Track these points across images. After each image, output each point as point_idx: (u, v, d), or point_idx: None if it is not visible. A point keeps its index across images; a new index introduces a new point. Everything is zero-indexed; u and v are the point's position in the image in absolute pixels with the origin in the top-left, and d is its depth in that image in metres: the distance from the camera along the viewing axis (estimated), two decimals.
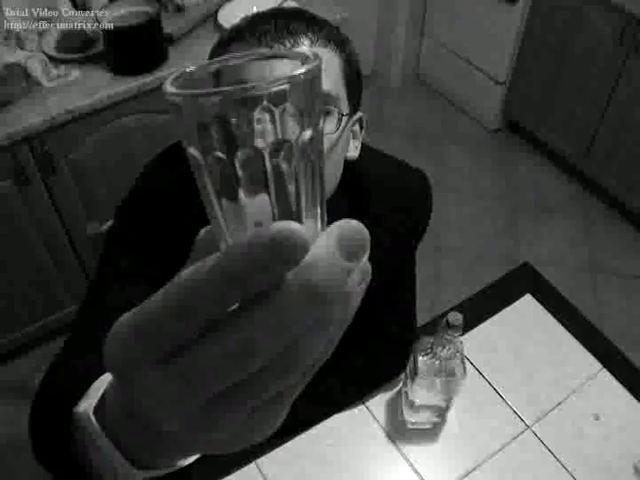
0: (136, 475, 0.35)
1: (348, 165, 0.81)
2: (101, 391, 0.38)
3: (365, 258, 0.24)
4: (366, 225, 0.27)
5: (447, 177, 2.69)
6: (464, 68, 2.82)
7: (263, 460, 0.98)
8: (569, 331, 1.17)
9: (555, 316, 1.19)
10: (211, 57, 0.74)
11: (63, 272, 1.85)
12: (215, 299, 0.22)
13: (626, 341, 1.42)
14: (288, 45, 0.67)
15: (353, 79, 0.75)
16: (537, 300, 1.22)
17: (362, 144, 0.87)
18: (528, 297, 1.22)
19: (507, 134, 2.87)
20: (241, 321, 0.23)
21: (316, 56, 0.25)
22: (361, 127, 0.82)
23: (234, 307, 0.23)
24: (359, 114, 0.80)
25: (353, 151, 0.81)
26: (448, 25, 2.81)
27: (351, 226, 0.24)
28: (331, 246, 0.23)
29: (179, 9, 1.72)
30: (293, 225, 0.22)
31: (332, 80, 0.71)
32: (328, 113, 0.70)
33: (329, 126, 0.71)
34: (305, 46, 0.68)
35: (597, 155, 2.44)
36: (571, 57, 2.36)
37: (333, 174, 0.76)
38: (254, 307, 0.22)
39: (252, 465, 0.97)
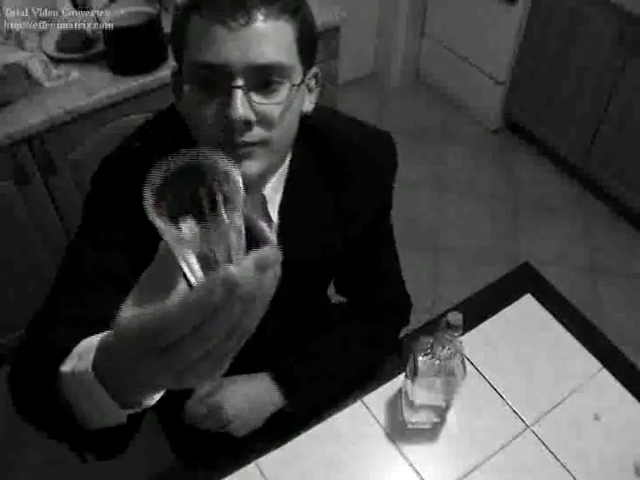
0: (120, 413, 0.50)
1: (317, 126, 0.89)
2: (91, 356, 0.49)
3: (272, 271, 0.38)
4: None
5: (447, 177, 2.69)
6: (464, 68, 2.82)
7: (263, 460, 0.98)
8: (569, 331, 1.17)
9: (555, 316, 1.19)
10: (174, 24, 0.79)
11: None
12: (194, 320, 0.37)
13: (626, 341, 1.42)
14: (242, 22, 0.69)
15: (307, 40, 0.77)
16: (537, 300, 1.21)
17: (332, 110, 0.96)
18: (528, 297, 1.22)
19: (507, 134, 2.87)
20: (203, 327, 0.37)
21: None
22: (317, 81, 0.85)
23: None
24: (314, 70, 0.82)
25: (308, 105, 0.84)
26: (448, 25, 2.81)
27: (265, 253, 0.38)
28: (250, 265, 0.37)
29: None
30: (232, 270, 0.36)
31: (285, 50, 0.73)
32: (280, 83, 0.74)
33: (280, 97, 0.75)
34: (259, 22, 0.70)
35: (597, 155, 2.44)
36: (571, 57, 2.36)
37: (287, 131, 0.80)
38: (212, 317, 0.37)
39: (252, 465, 0.98)
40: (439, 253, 2.41)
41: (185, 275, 0.41)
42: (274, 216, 0.90)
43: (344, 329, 1.08)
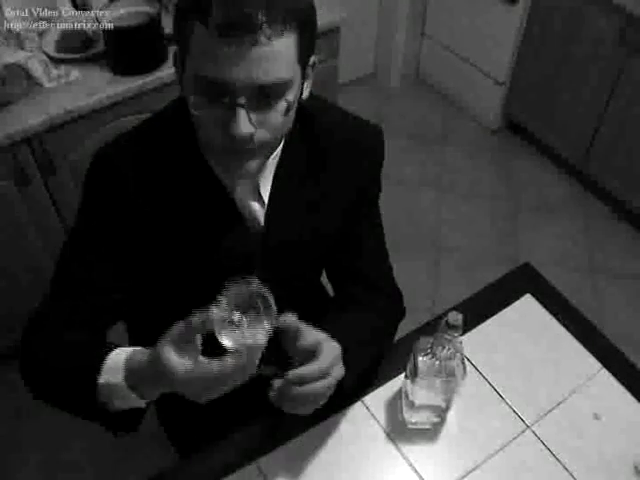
0: (141, 402, 0.77)
1: (310, 117, 0.93)
2: (121, 373, 0.75)
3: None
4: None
5: (447, 177, 2.69)
6: (464, 68, 2.82)
7: (263, 460, 0.98)
8: (569, 331, 1.16)
9: (555, 316, 1.19)
10: (176, 23, 0.77)
11: None
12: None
13: (626, 341, 1.42)
14: (247, 45, 0.69)
15: (307, 39, 0.77)
16: (537, 300, 1.21)
17: (326, 101, 1.00)
18: (528, 297, 1.22)
19: (507, 134, 2.87)
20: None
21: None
22: (313, 69, 0.85)
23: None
24: (312, 59, 0.83)
25: (304, 92, 0.85)
26: (448, 25, 2.81)
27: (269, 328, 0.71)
28: (265, 334, 0.71)
29: None
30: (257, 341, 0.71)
31: (287, 65, 0.74)
32: (281, 97, 0.76)
33: (280, 107, 0.76)
34: (264, 43, 0.70)
35: (597, 155, 2.44)
36: (571, 57, 2.36)
37: (285, 130, 0.84)
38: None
39: (252, 465, 0.98)
40: (439, 253, 2.41)
41: (212, 335, 0.70)
42: (265, 197, 0.93)
43: (343, 315, 1.03)
